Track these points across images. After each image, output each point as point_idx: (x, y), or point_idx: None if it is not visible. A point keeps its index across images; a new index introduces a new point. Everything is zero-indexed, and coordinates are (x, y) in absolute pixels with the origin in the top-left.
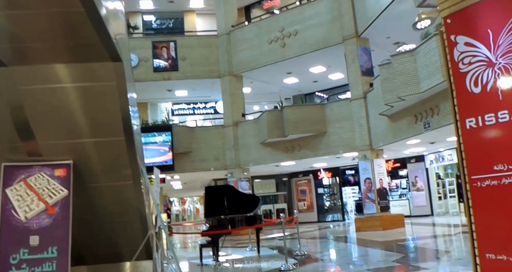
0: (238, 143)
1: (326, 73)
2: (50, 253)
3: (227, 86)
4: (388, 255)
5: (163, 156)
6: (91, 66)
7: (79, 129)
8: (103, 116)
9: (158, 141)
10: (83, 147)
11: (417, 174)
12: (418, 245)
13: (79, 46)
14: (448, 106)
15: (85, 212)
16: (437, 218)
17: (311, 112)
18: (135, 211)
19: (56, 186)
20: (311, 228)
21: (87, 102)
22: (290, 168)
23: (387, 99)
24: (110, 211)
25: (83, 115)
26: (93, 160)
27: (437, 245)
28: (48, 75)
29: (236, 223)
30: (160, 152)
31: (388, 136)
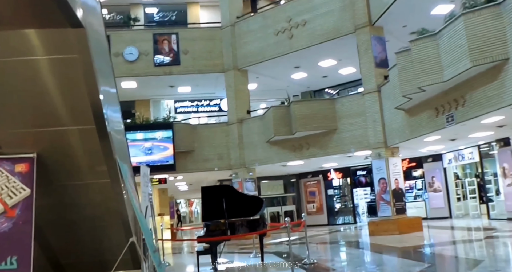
0: (243, 141)
1: (336, 68)
2: (8, 264)
3: (231, 81)
4: (410, 264)
5: (163, 152)
6: (47, 33)
7: (42, 116)
8: (68, 99)
9: (158, 137)
10: (48, 137)
11: (434, 174)
12: (443, 252)
13: (27, 6)
14: (476, 97)
15: (59, 215)
16: (456, 220)
17: (320, 107)
18: (116, 214)
19: (16, 184)
20: (321, 231)
21: (47, 80)
22: (299, 168)
23: (405, 90)
24: (87, 213)
25: (45, 98)
26: (60, 153)
27: (465, 252)
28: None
29: (236, 228)
30: (160, 148)
31: (405, 132)
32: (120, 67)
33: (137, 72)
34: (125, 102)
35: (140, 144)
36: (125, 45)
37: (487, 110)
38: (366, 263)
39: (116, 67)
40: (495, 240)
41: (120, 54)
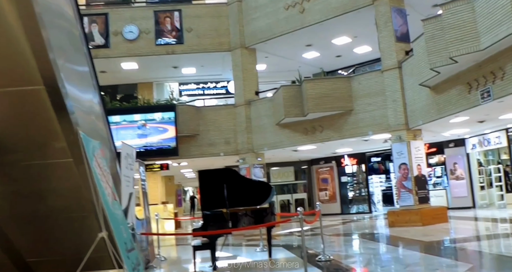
0: (251, 124)
1: (351, 46)
2: None
3: (238, 61)
4: (449, 264)
5: (162, 134)
6: None
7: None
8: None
9: (157, 118)
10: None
11: (456, 160)
12: (482, 248)
13: None
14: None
15: (15, 205)
16: (481, 211)
17: (335, 86)
18: (88, 203)
19: None
20: (334, 221)
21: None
22: (310, 154)
23: (433, 62)
24: (50, 203)
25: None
26: (8, 123)
27: (509, 248)
28: None
29: (240, 219)
30: (159, 130)
31: (430, 112)
32: (119, 46)
33: (137, 52)
34: (127, 86)
35: (135, 126)
36: (124, 24)
37: None
38: (393, 261)
39: (115, 47)
40: None
41: (119, 33)
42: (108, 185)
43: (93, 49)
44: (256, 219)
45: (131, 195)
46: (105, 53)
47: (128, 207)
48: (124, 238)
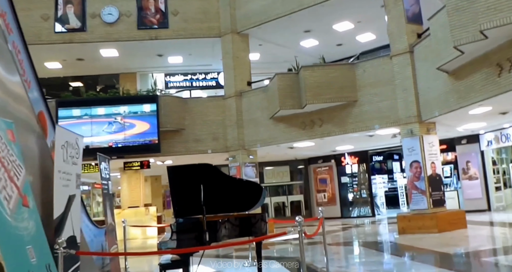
0: (242, 118)
1: (354, 33)
2: None
3: (229, 48)
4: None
5: (141, 128)
6: None
7: None
8: None
9: (137, 110)
10: None
11: (470, 158)
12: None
13: None
14: None
15: None
16: (497, 214)
17: (336, 75)
18: None
19: None
20: (334, 226)
21: None
22: (308, 152)
23: (458, 39)
24: None
25: None
26: None
27: None
28: None
29: (220, 230)
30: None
31: (448, 101)
32: (97, 30)
33: (117, 37)
34: (108, 76)
35: (110, 120)
36: (103, 5)
37: None
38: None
39: (93, 31)
40: None
41: (97, 15)
42: (13, 183)
43: (68, 33)
44: (242, 228)
45: (71, 198)
46: (82, 37)
47: (64, 215)
48: (31, 265)
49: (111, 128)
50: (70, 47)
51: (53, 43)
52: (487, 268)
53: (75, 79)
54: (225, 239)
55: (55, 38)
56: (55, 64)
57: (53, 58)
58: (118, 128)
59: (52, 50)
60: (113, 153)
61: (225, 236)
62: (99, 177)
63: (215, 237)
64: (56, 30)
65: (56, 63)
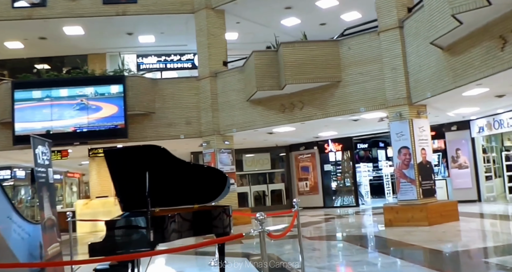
0: (217, 100)
1: (338, 11)
2: None
3: (203, 24)
4: None
5: (107, 111)
6: None
7: None
8: None
9: (103, 92)
10: None
11: (460, 145)
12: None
13: None
14: None
15: None
16: (488, 205)
17: (319, 52)
18: None
19: None
20: (316, 216)
21: None
22: (289, 138)
23: (457, 6)
24: None
25: None
26: None
27: None
28: None
29: (169, 228)
30: (104, 106)
31: (442, 80)
32: (58, 5)
33: (80, 12)
34: (75, 57)
35: (73, 103)
36: None
37: None
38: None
39: (54, 6)
40: None
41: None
42: None
43: (27, 9)
44: (200, 224)
45: None
46: (42, 13)
47: None
48: None
49: (76, 111)
50: (31, 24)
51: (11, 19)
52: (482, 269)
53: (42, 61)
54: (176, 238)
55: (13, 14)
56: (16, 43)
57: (13, 37)
58: (82, 111)
59: (11, 28)
60: (77, 138)
61: (176, 235)
62: (69, 165)
63: (163, 236)
64: (14, 5)
65: (17, 43)
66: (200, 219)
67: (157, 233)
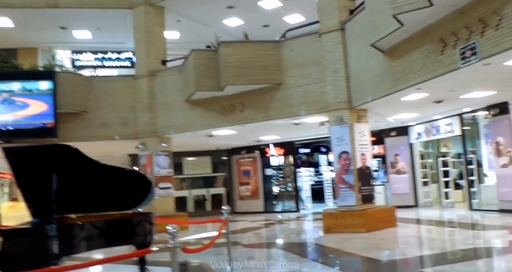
0: (154, 101)
1: (281, 12)
2: None
3: (141, 20)
4: None
5: (34, 108)
6: None
7: None
8: None
9: (31, 88)
10: None
11: (398, 151)
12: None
13: None
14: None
15: None
16: (425, 211)
17: (260, 53)
18: None
19: None
20: (256, 222)
21: None
22: (230, 141)
23: (399, 5)
24: None
25: None
26: None
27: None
28: None
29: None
30: (30, 104)
31: (382, 84)
32: None
33: (8, 2)
34: (4, 51)
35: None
36: None
37: None
38: None
39: None
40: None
41: None
42: None
43: None
44: (117, 233)
45: None
46: None
47: None
48: None
49: (4, 105)
50: None
51: None
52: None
53: None
54: (86, 249)
55: None
56: None
57: None
58: (7, 108)
59: None
60: (0, 136)
61: (86, 245)
62: None
63: (70, 247)
64: None
65: None
66: (118, 227)
67: (62, 244)
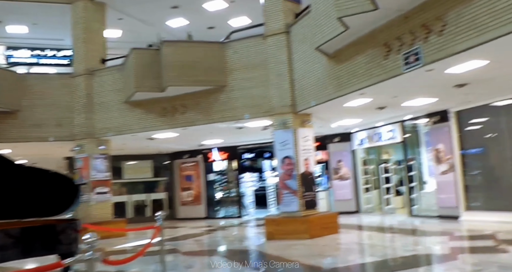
0: (92, 101)
1: (226, 15)
2: None
3: (81, 17)
4: None
5: None
6: None
7: None
8: None
9: None
10: None
11: (341, 157)
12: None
13: None
14: (468, 15)
15: None
16: (367, 217)
17: (204, 54)
18: None
19: None
20: (197, 229)
21: None
22: (172, 145)
23: (344, 8)
24: None
25: None
26: None
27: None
28: None
29: None
30: None
31: (326, 88)
32: None
33: None
34: None
35: None
36: None
37: (490, 36)
38: None
39: None
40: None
41: None
42: None
43: None
44: (36, 244)
45: None
46: None
47: None
48: None
49: None
50: None
51: None
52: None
53: None
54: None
55: None
56: None
57: None
58: None
59: None
60: None
61: None
62: None
63: None
64: None
65: None
66: (38, 235)
67: None
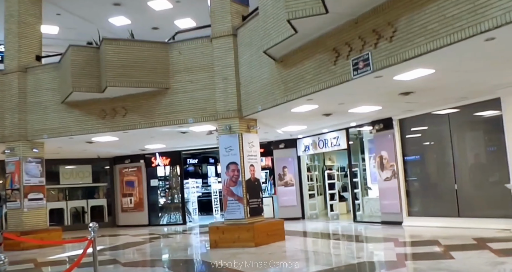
0: (26, 100)
1: (172, 15)
2: None
3: (14, 9)
4: None
5: None
6: None
7: None
8: None
9: None
10: None
11: (286, 163)
12: None
13: None
14: (419, 20)
15: None
16: (311, 223)
17: (146, 54)
18: None
19: None
20: (139, 236)
21: None
22: (113, 149)
23: (294, 10)
24: None
25: None
26: None
27: None
28: None
29: None
30: None
31: (273, 93)
32: None
33: None
34: None
35: None
36: None
37: (439, 43)
38: None
39: None
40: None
41: None
42: None
43: None
44: None
45: None
46: None
47: None
48: None
49: None
50: None
51: None
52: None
53: None
54: None
55: None
56: None
57: None
58: None
59: None
60: None
61: None
62: None
63: None
64: None
65: None
66: None
67: None
